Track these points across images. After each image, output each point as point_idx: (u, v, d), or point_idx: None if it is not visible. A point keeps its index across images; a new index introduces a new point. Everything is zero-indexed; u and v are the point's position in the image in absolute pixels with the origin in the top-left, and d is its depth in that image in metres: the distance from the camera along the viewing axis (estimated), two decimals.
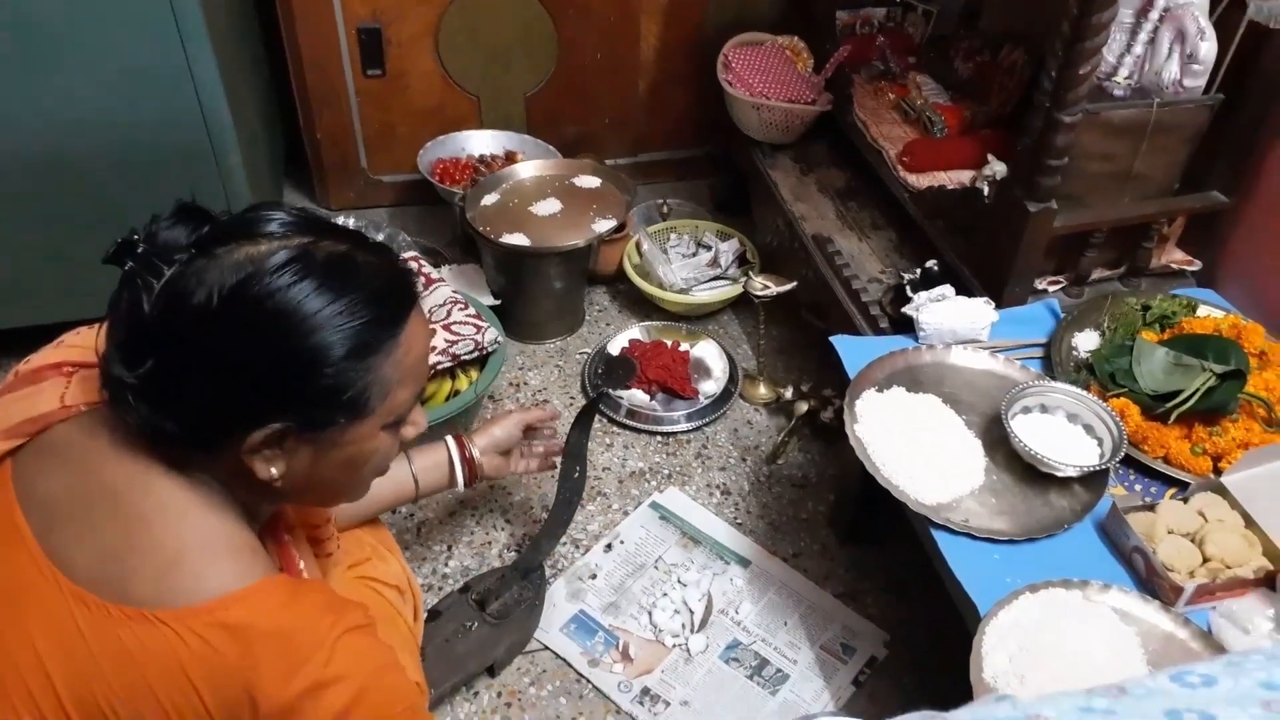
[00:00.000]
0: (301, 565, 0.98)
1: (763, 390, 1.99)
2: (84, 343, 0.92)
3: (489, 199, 2.04)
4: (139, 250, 0.78)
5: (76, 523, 0.80)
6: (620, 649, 1.51)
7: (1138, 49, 1.45)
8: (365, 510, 1.30)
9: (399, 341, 0.84)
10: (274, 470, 0.82)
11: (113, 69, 1.58)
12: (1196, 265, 1.64)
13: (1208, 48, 1.40)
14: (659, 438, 1.89)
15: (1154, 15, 1.42)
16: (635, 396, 1.93)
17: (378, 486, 1.31)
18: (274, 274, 0.77)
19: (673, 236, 2.26)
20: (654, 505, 1.74)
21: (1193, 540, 1.17)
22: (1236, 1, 1.42)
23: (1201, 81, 1.44)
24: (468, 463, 1.39)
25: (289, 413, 0.80)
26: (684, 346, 2.03)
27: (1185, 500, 1.22)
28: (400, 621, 1.25)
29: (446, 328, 1.74)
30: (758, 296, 1.87)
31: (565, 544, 1.66)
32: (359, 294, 0.80)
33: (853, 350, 1.46)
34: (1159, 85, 1.45)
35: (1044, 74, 1.35)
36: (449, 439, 1.39)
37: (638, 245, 2.18)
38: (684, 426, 1.90)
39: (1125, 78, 1.47)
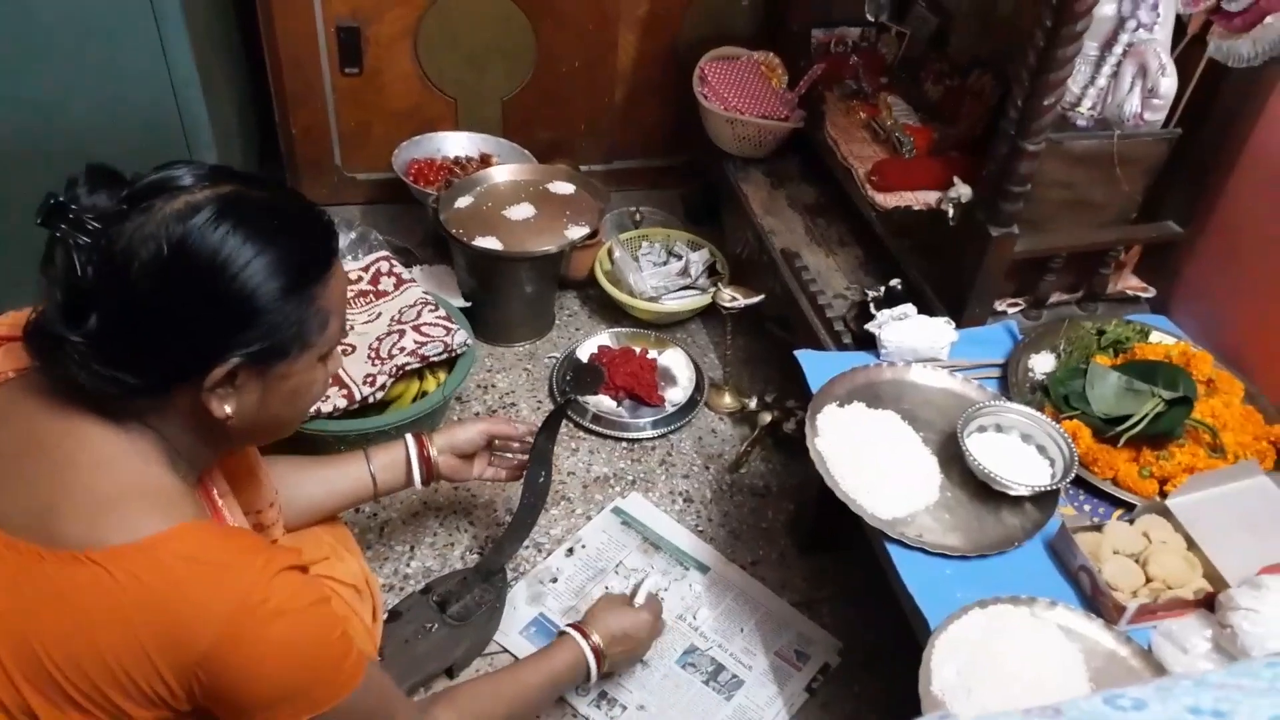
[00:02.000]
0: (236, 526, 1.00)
1: (728, 400, 2.02)
2: (9, 320, 0.94)
3: (463, 201, 2.05)
4: (70, 213, 0.80)
5: (8, 477, 0.82)
6: None
7: (1101, 81, 1.49)
8: (323, 508, 1.31)
9: (331, 273, 0.91)
10: (228, 408, 0.87)
11: (88, 63, 1.57)
12: (1151, 292, 1.69)
13: (1168, 83, 1.45)
14: (624, 444, 1.91)
15: (1118, 50, 1.46)
16: (602, 402, 1.95)
17: (336, 484, 1.33)
18: (217, 220, 0.81)
19: (644, 244, 2.29)
20: (616, 510, 1.76)
21: (1137, 561, 1.20)
22: (1197, 39, 1.46)
23: (1161, 115, 1.48)
24: (425, 462, 1.40)
25: (243, 350, 0.84)
26: (652, 354, 2.05)
27: (1131, 522, 1.26)
28: (356, 621, 1.26)
29: (416, 329, 1.75)
30: (726, 308, 1.90)
31: (528, 547, 1.67)
32: (294, 232, 0.87)
33: (816, 365, 1.49)
34: (1120, 117, 1.49)
35: (1010, 102, 1.39)
36: (408, 437, 1.40)
37: (609, 252, 2.20)
38: (649, 433, 1.92)
39: (1089, 109, 1.50)
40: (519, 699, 1.20)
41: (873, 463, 1.32)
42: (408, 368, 1.69)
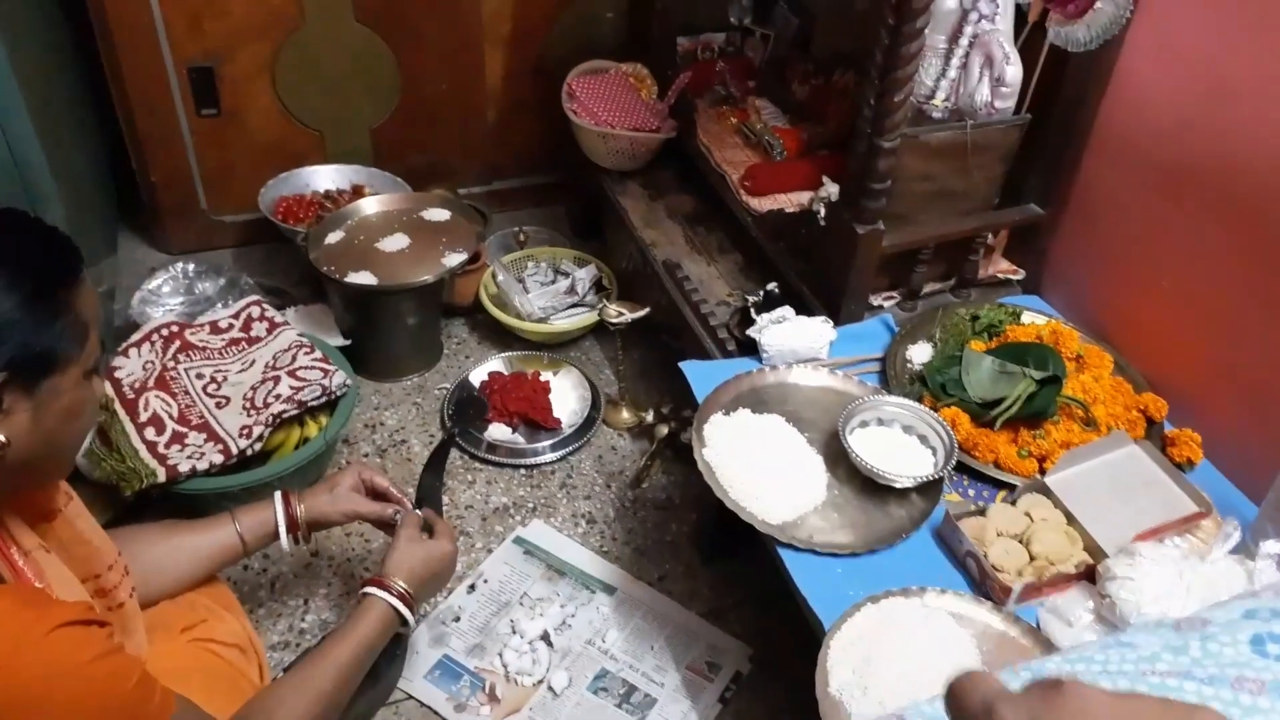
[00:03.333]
0: (40, 585, 0.93)
1: (625, 415, 2.00)
2: None
3: (333, 237, 1.99)
4: None
5: None
6: (487, 691, 1.48)
7: (952, 74, 1.52)
8: (193, 576, 1.25)
9: (79, 282, 0.88)
10: (0, 435, 0.83)
11: None
12: (1021, 274, 1.73)
13: (1013, 71, 1.48)
14: (523, 471, 1.88)
15: (964, 42, 1.49)
16: (497, 430, 1.91)
17: (202, 550, 1.26)
18: None
19: (530, 265, 2.26)
20: (518, 540, 1.73)
21: (1020, 541, 1.23)
22: (1038, 27, 1.51)
23: (1011, 103, 1.52)
24: (292, 521, 1.32)
25: (1, 366, 0.81)
26: (545, 376, 2.03)
27: (1014, 503, 1.28)
28: (244, 681, 1.21)
29: (292, 374, 1.69)
30: (612, 324, 1.89)
31: None
32: (23, 245, 0.86)
33: (700, 375, 1.48)
34: (973, 107, 1.52)
35: (864, 101, 1.40)
36: (277, 497, 1.33)
37: (493, 275, 2.16)
38: (548, 457, 1.89)
39: (943, 101, 1.54)
40: (336, 677, 1.12)
41: (760, 468, 1.32)
42: (285, 415, 1.63)
